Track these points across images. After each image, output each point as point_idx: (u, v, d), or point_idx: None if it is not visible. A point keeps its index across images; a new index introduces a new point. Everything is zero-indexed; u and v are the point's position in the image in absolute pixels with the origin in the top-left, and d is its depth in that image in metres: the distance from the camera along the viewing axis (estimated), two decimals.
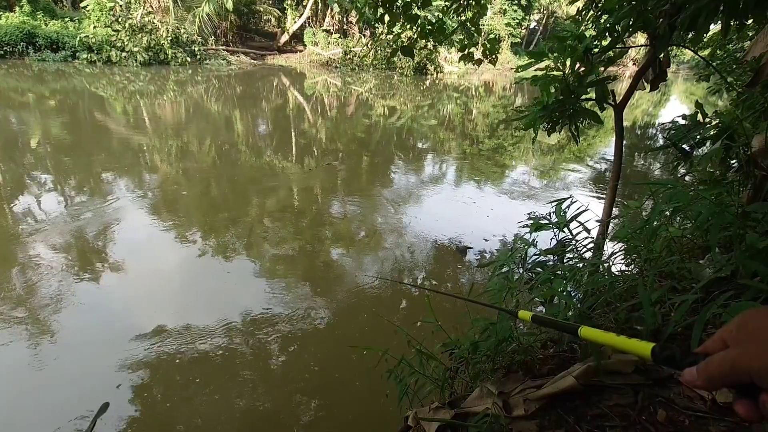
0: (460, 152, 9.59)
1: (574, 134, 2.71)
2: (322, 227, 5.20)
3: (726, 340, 0.42)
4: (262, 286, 3.91)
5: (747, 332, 0.40)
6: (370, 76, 25.75)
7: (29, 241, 4.38)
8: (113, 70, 19.05)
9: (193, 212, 5.43)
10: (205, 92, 16.19)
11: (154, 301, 3.59)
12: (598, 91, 2.52)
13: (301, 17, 28.06)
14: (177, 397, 2.68)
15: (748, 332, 0.40)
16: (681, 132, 2.50)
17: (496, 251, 4.64)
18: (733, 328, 0.42)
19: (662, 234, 1.97)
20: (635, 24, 2.32)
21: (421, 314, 3.54)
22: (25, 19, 20.51)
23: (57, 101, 12.20)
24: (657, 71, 2.63)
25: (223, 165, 7.60)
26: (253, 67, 25.25)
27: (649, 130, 14.03)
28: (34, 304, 3.44)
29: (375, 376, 1.71)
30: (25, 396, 2.65)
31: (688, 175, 3.01)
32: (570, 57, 2.45)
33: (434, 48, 4.92)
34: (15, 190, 5.79)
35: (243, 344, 3.14)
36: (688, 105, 19.65)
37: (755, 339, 0.39)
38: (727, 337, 0.42)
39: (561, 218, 2.21)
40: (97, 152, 7.80)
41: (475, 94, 21.80)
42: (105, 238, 4.59)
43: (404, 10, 3.65)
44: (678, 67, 39.59)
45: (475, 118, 14.68)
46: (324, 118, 12.98)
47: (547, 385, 1.38)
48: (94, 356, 2.98)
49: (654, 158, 9.03)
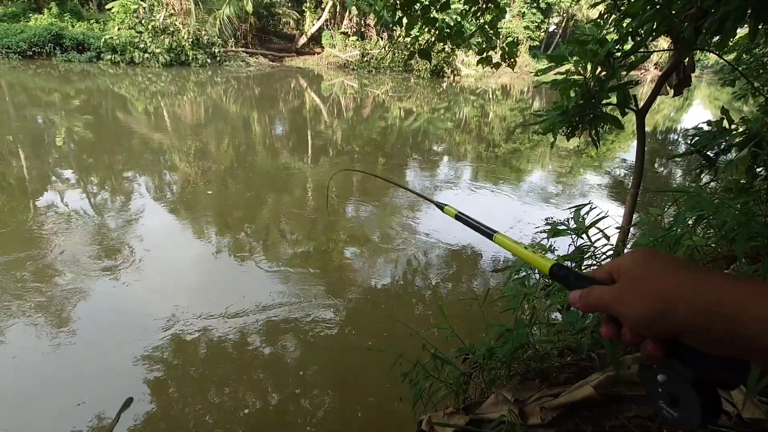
0: (475, 156, 9.53)
1: (595, 139, 2.66)
2: (335, 228, 5.22)
3: (612, 273, 0.45)
4: (279, 284, 3.94)
5: (629, 279, 0.42)
6: (387, 78, 25.81)
7: (53, 234, 4.51)
8: (136, 70, 19.50)
9: (213, 210, 5.51)
10: (224, 93, 16.44)
11: (171, 297, 3.65)
12: (619, 95, 2.48)
13: (320, 20, 28.30)
14: (192, 393, 2.72)
15: (629, 279, 0.42)
16: (706, 138, 2.44)
17: (513, 256, 4.59)
18: (622, 267, 0.44)
19: (685, 242, 1.92)
20: (659, 27, 2.27)
21: (435, 317, 3.52)
22: (53, 21, 21.17)
23: (81, 101, 12.54)
24: (681, 76, 2.57)
25: (240, 165, 7.70)
26: (271, 68, 25.55)
27: (671, 135, 13.73)
28: (57, 298, 3.54)
29: (389, 378, 1.71)
30: (48, 389, 2.73)
31: (712, 182, 2.94)
32: (591, 61, 2.41)
33: (452, 51, 4.97)
34: (40, 185, 5.96)
35: (258, 343, 3.17)
36: (711, 110, 19.17)
37: (632, 291, 0.41)
38: (614, 271, 0.45)
39: (580, 224, 2.18)
40: (119, 150, 7.99)
41: (492, 97, 21.66)
42: (125, 233, 4.69)
43: (423, 13, 3.65)
44: (702, 71, 38.66)
45: (491, 122, 14.58)
46: (340, 120, 13.05)
47: (564, 393, 1.36)
48: (117, 351, 3.04)
49: (675, 165, 8.84)
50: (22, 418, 2.53)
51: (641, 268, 0.41)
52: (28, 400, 2.64)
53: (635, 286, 0.41)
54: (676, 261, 0.41)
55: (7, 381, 2.74)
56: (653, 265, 0.41)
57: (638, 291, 0.40)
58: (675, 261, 0.41)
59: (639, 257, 0.43)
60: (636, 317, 0.40)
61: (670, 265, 0.40)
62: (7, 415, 2.53)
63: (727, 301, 0.35)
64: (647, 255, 0.43)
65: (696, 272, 0.39)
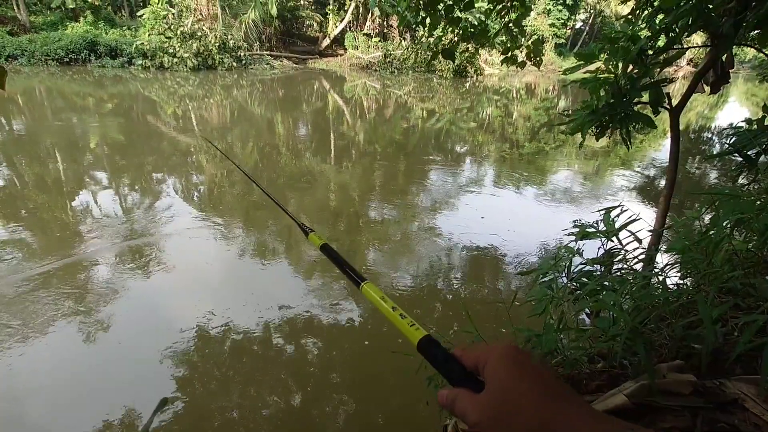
0: (498, 156, 9.41)
1: (625, 139, 2.58)
2: (358, 226, 5.23)
3: (478, 366, 0.43)
4: (302, 283, 3.98)
5: (492, 397, 0.40)
6: (410, 78, 25.77)
7: (86, 236, 4.69)
8: (165, 75, 20.11)
9: (238, 210, 5.62)
10: (250, 95, 16.75)
11: (195, 298, 3.74)
12: (652, 94, 2.40)
13: (342, 22, 28.53)
14: (222, 392, 2.77)
15: (492, 397, 0.40)
16: (746, 138, 2.33)
17: (538, 258, 4.50)
18: (488, 368, 0.41)
19: (724, 246, 1.84)
20: (695, 23, 2.18)
21: (458, 319, 3.49)
22: (88, 29, 22.08)
23: (114, 104, 13.01)
24: (719, 73, 2.47)
25: (265, 164, 7.83)
26: (295, 71, 25.91)
27: (705, 134, 13.20)
28: (90, 302, 3.67)
29: (413, 382, 1.70)
30: (84, 388, 2.84)
31: (752, 184, 2.80)
32: (623, 58, 2.34)
33: (476, 51, 4.86)
34: (73, 186, 6.21)
35: (282, 344, 3.21)
36: (749, 107, 18.34)
37: (495, 420, 0.39)
38: (480, 364, 0.42)
39: (610, 226, 2.11)
40: (149, 152, 8.25)
41: (516, 97, 21.34)
42: (155, 235, 4.83)
43: (446, 12, 3.62)
44: (739, 66, 36.99)
45: (515, 121, 14.36)
46: (363, 121, 13.10)
47: (595, 402, 1.32)
48: (150, 351, 3.14)
49: (709, 165, 8.49)
50: (58, 417, 2.62)
51: (508, 388, 0.39)
52: (63, 399, 2.74)
53: (501, 413, 0.39)
54: (544, 380, 0.39)
55: (42, 380, 2.86)
56: (519, 389, 0.39)
57: (502, 424, 0.38)
58: (543, 381, 0.39)
59: (508, 365, 0.41)
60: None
61: (537, 389, 0.38)
62: (44, 414, 2.64)
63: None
64: (516, 364, 0.41)
65: (563, 407, 0.37)
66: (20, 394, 2.71)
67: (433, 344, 0.48)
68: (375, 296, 0.56)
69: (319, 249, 0.74)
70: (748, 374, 1.39)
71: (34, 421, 2.56)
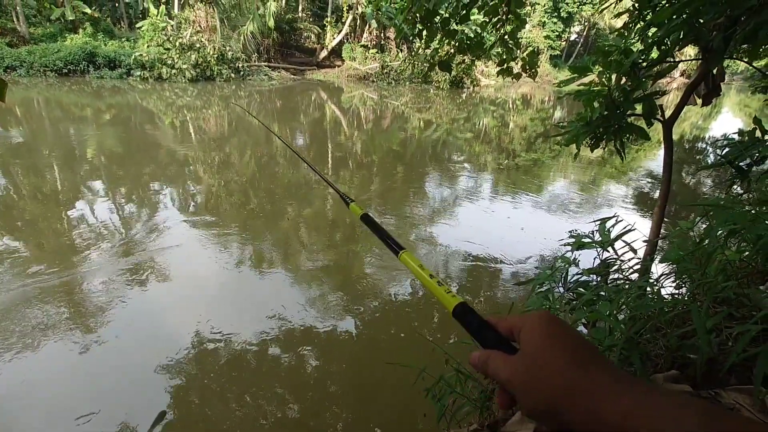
0: (495, 165, 9.46)
1: (620, 150, 2.62)
2: (356, 238, 5.24)
3: (513, 332, 0.44)
4: (300, 294, 3.97)
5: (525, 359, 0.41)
6: (407, 89, 26.00)
7: (84, 245, 4.67)
8: (163, 86, 20.21)
9: (236, 219, 5.62)
10: (248, 106, 16.83)
11: (194, 309, 3.72)
12: (645, 106, 2.43)
13: (340, 33, 28.83)
14: (220, 404, 2.75)
15: (526, 359, 0.41)
16: (737, 149, 2.36)
17: (535, 269, 4.52)
18: (523, 333, 0.43)
19: (718, 257, 1.86)
20: (686, 37, 2.23)
21: (456, 330, 3.48)
22: (87, 40, 22.21)
23: (112, 115, 13.04)
24: (710, 85, 2.51)
25: (262, 175, 7.85)
26: (293, 81, 26.09)
27: (698, 144, 13.34)
28: (87, 314, 3.65)
29: (411, 393, 1.69)
30: (81, 400, 2.81)
31: (745, 194, 2.84)
32: (616, 71, 2.38)
33: (472, 62, 4.95)
34: (71, 196, 6.20)
35: (279, 356, 3.19)
36: (741, 118, 18.56)
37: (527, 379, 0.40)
38: (515, 330, 0.44)
39: (605, 237, 2.13)
40: (147, 162, 8.25)
41: (512, 108, 21.53)
42: (152, 245, 4.82)
43: (443, 25, 3.68)
44: (731, 78, 37.51)
45: (511, 132, 14.47)
46: (360, 131, 13.18)
47: None
48: (148, 363, 3.11)
49: (703, 176, 8.57)
50: (55, 430, 2.60)
51: (540, 351, 0.41)
52: (60, 414, 2.71)
53: (531, 373, 0.40)
54: (575, 346, 0.40)
55: (39, 391, 2.83)
56: (551, 353, 0.40)
57: (532, 383, 0.40)
58: (573, 347, 0.40)
59: (542, 330, 0.42)
60: (527, 410, 0.41)
61: (567, 354, 0.40)
62: (41, 429, 2.60)
63: (615, 412, 0.35)
64: (549, 329, 0.42)
65: (591, 371, 0.38)
66: (16, 409, 2.68)
67: (468, 311, 0.49)
68: (413, 264, 0.60)
69: (359, 218, 0.78)
70: (742, 384, 1.39)
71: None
